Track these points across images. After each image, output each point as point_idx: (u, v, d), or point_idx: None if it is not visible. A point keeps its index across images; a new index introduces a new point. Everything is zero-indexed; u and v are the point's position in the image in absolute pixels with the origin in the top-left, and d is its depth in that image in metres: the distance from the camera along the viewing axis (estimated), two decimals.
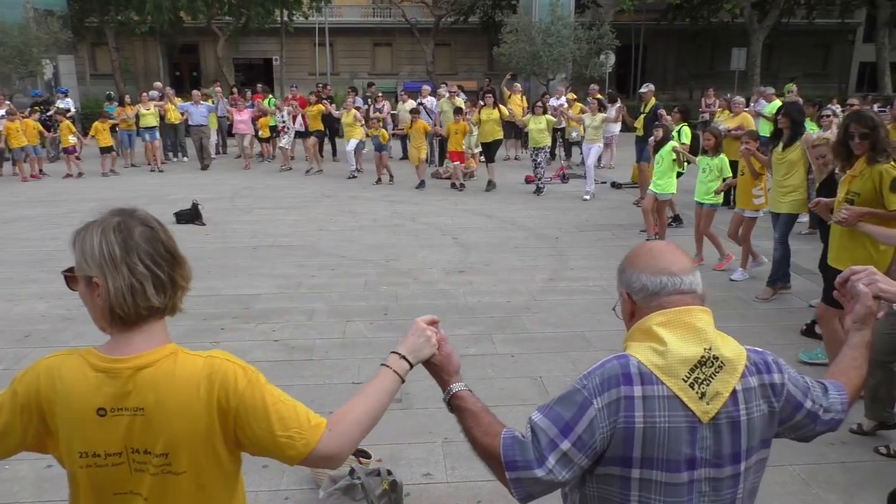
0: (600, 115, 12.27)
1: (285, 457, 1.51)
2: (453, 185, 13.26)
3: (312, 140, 15.54)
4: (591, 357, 5.37)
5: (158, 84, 18.58)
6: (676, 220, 10.21)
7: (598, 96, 14.84)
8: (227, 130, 18.64)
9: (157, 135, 16.22)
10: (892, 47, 30.80)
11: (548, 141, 12.81)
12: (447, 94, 15.41)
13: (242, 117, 16.29)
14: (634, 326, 1.64)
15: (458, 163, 13.22)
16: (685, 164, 9.30)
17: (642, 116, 11.67)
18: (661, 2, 31.92)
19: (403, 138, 16.20)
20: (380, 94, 16.96)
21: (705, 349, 1.54)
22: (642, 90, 12.05)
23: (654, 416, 1.49)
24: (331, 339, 5.83)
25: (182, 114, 16.75)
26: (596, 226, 10.15)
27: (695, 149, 10.36)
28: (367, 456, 3.72)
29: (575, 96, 15.64)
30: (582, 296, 6.90)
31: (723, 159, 7.89)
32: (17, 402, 1.48)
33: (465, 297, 6.88)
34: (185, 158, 17.40)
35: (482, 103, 13.58)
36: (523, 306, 6.61)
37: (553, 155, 15.30)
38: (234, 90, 19.02)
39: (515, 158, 17.02)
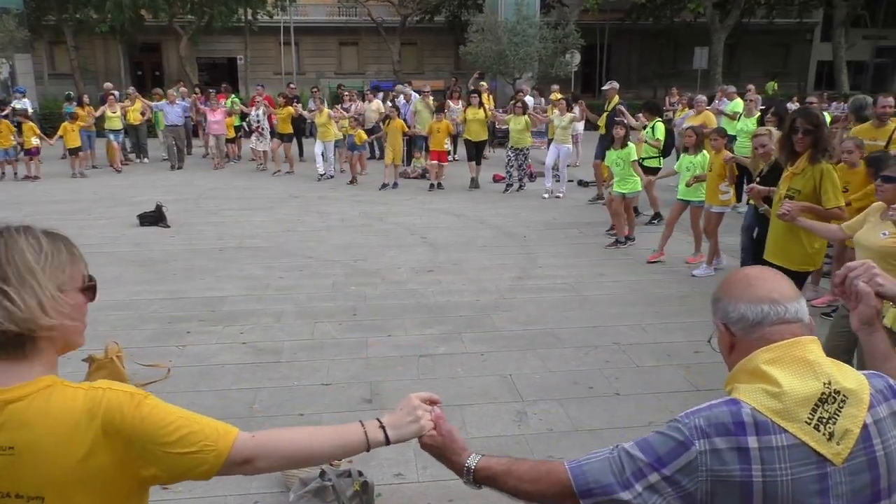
0: (569, 115, 12.30)
1: (198, 473, 1.38)
2: (432, 186, 13.21)
3: (276, 142, 15.41)
4: (560, 354, 5.43)
5: (109, 84, 18.18)
6: (657, 217, 10.16)
7: (559, 96, 14.99)
8: (191, 131, 18.39)
9: (121, 137, 15.95)
10: (849, 46, 31.58)
11: (529, 141, 12.83)
12: (420, 95, 15.42)
13: (216, 118, 16.08)
14: (738, 367, 1.49)
15: (441, 162, 13.15)
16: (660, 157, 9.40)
17: (605, 114, 11.74)
18: (624, 1, 32.27)
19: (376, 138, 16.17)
20: (346, 94, 16.88)
21: (824, 384, 1.39)
22: (605, 87, 12.12)
23: (776, 470, 1.34)
24: (299, 340, 5.79)
25: (143, 114, 16.48)
26: (564, 224, 10.23)
27: (668, 145, 10.50)
28: None
29: (560, 96, 15.63)
30: (551, 293, 6.95)
31: (705, 156, 7.99)
32: None
33: (435, 297, 6.88)
34: (146, 160, 17.11)
35: (467, 103, 13.59)
36: (492, 305, 6.64)
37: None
38: (198, 90, 18.75)
39: (484, 157, 17.04)
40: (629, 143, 8.82)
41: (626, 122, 9.28)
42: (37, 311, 1.31)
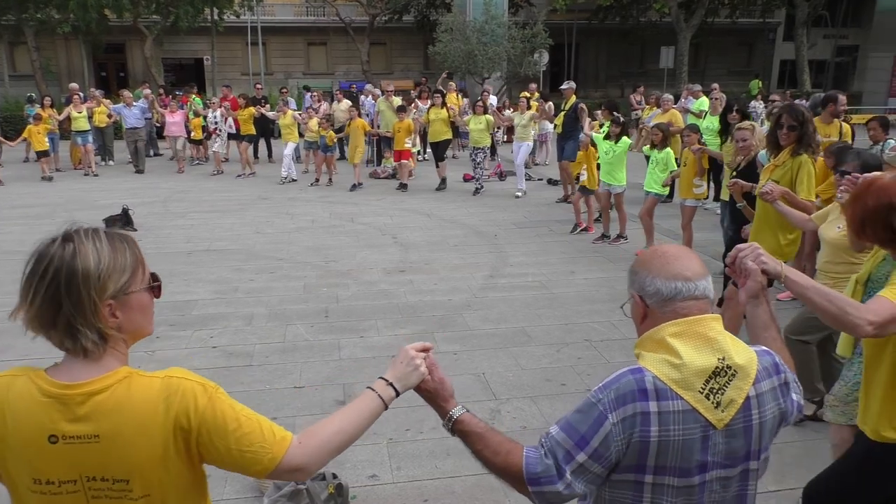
0: (529, 113, 12.48)
1: (252, 472, 1.49)
2: (402, 186, 13.21)
3: (245, 144, 15.26)
4: (531, 352, 5.47)
5: (74, 85, 17.80)
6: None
7: (526, 94, 15.08)
8: (156, 132, 18.10)
9: (90, 138, 15.58)
10: (810, 45, 32.21)
11: (488, 141, 12.90)
12: (383, 94, 15.38)
13: (175, 119, 15.83)
14: (647, 335, 1.66)
15: (405, 161, 13.18)
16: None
17: (562, 114, 11.86)
18: (592, 1, 32.53)
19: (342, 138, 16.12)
20: (314, 94, 16.78)
21: (719, 359, 1.57)
22: (563, 87, 12.17)
23: (669, 430, 1.53)
24: (271, 343, 5.74)
25: (109, 116, 16.18)
26: (534, 222, 10.29)
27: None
28: None
29: (528, 94, 15.72)
30: (522, 291, 6.99)
31: (668, 153, 8.29)
32: None
33: (406, 297, 6.88)
34: (112, 162, 16.81)
35: (431, 102, 13.60)
36: (464, 304, 6.65)
37: (493, 153, 15.46)
38: (161, 91, 18.47)
39: (453, 157, 17.09)
40: (624, 136, 8.88)
41: (621, 118, 9.36)
42: (92, 319, 1.40)
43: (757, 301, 1.90)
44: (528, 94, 15.51)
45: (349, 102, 16.35)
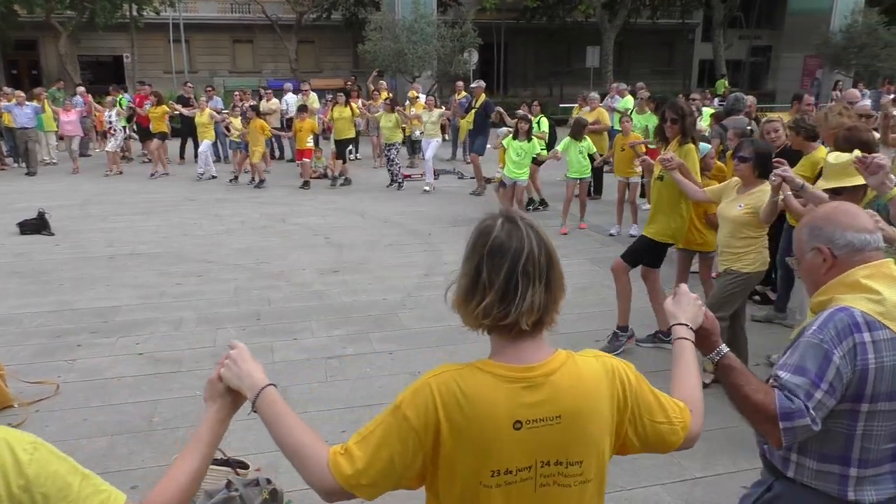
0: (437, 112, 12.82)
1: (667, 444, 1.53)
2: (304, 184, 13.11)
3: (157, 142, 14.76)
4: (467, 349, 5.47)
5: None
6: (543, 203, 11.05)
7: (414, 93, 15.53)
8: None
9: None
10: (727, 46, 33.52)
11: (399, 137, 13.29)
12: (300, 94, 15.33)
13: (70, 118, 15.17)
14: (836, 280, 1.89)
15: (307, 160, 13.25)
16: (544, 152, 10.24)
17: (472, 112, 12.30)
18: (519, 1, 32.94)
19: (276, 137, 15.89)
20: (237, 93, 16.40)
21: None
22: (472, 86, 12.66)
23: (883, 357, 1.76)
24: (200, 348, 5.58)
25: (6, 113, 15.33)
26: (468, 219, 10.33)
27: (552, 136, 11.48)
28: (245, 466, 3.59)
29: (416, 94, 16.10)
30: None
31: (588, 142, 9.43)
32: (409, 428, 1.38)
33: (341, 297, 6.80)
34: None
35: (335, 101, 13.71)
36: (399, 303, 6.63)
37: (415, 150, 15.68)
38: (84, 89, 17.71)
39: (359, 158, 16.98)
40: (533, 137, 9.58)
41: (529, 116, 9.98)
42: (560, 298, 1.47)
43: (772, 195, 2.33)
44: (415, 94, 15.91)
45: (277, 101, 16.12)
